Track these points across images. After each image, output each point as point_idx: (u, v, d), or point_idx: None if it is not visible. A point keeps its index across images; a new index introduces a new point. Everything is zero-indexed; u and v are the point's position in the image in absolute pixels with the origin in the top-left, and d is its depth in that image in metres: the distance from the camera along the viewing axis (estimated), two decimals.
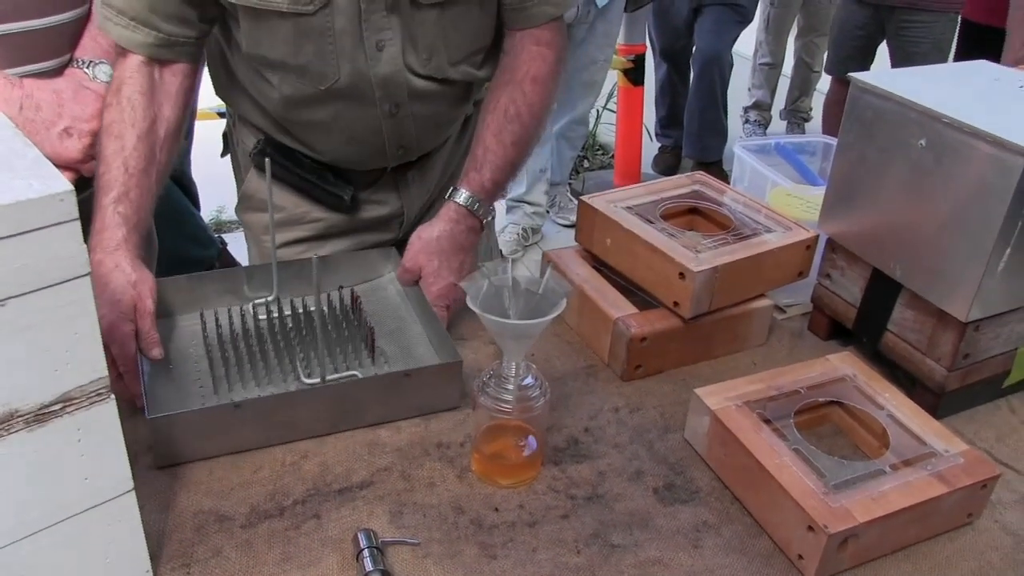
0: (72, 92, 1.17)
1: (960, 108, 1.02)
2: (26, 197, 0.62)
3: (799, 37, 4.70)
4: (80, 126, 1.16)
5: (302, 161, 1.39)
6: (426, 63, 1.25)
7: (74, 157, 1.16)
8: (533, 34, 1.28)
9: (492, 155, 1.25)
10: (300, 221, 1.44)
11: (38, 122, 1.13)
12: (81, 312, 0.68)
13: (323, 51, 1.18)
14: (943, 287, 1.07)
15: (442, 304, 1.21)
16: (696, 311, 1.14)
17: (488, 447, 1.01)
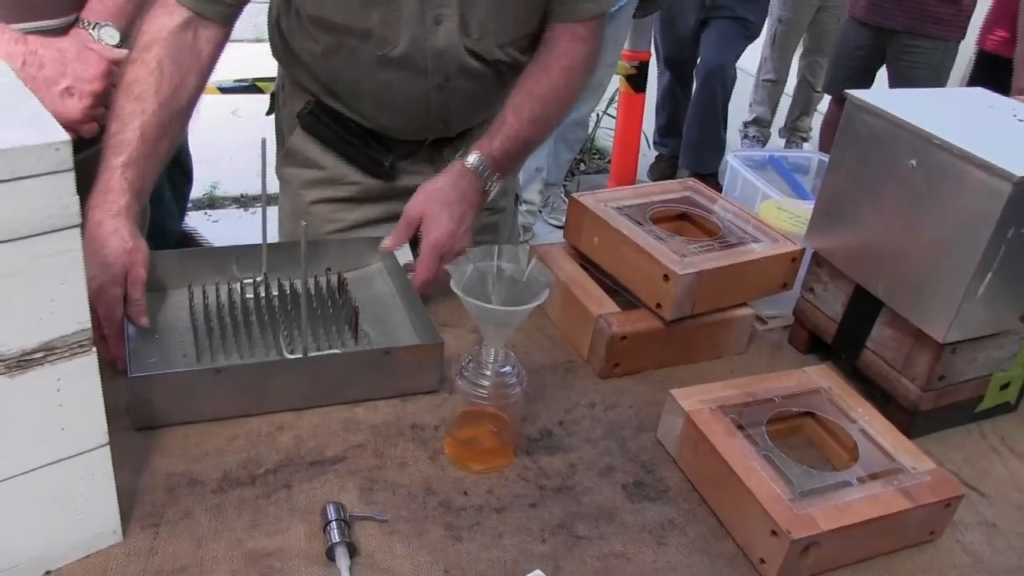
0: (76, 52, 1.17)
1: (952, 131, 1.03)
2: (22, 144, 0.62)
3: (804, 56, 4.73)
4: (82, 87, 1.16)
5: (348, 125, 1.44)
6: (477, 42, 1.30)
7: (74, 117, 1.16)
8: (572, 29, 1.34)
9: (507, 127, 1.30)
10: (338, 182, 1.49)
11: (40, 79, 1.13)
12: (69, 263, 0.69)
13: (388, 18, 1.24)
14: (923, 307, 1.08)
15: (436, 255, 1.22)
16: (678, 314, 1.15)
17: (462, 432, 1.02)
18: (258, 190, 1.15)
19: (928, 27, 3.52)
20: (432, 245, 1.21)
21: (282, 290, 1.18)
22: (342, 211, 1.50)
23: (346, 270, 1.26)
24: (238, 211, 3.88)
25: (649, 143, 4.51)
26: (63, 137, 0.64)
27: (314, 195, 1.50)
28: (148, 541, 0.85)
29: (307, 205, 1.51)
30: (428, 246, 1.21)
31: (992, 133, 1.09)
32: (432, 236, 1.22)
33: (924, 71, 3.61)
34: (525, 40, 1.36)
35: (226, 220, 3.79)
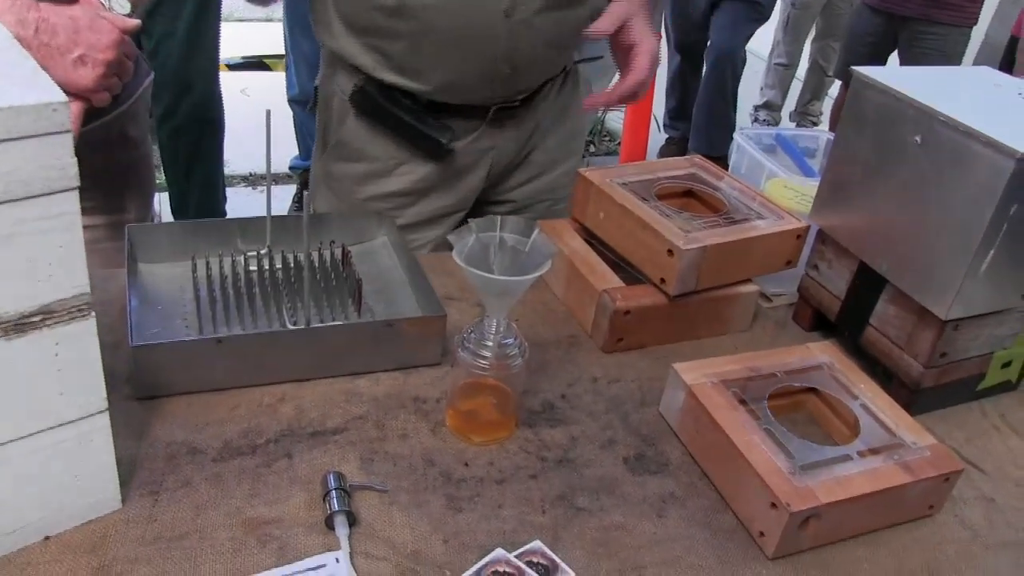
0: (88, 20, 1.16)
1: (957, 108, 1.03)
2: (20, 103, 0.62)
3: (816, 40, 4.70)
4: (95, 55, 1.16)
5: (401, 101, 1.37)
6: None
7: (87, 85, 1.16)
8: None
9: None
10: (392, 173, 1.44)
11: (53, 47, 1.13)
12: (67, 225, 0.69)
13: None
14: (926, 284, 1.07)
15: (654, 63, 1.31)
16: (682, 289, 1.14)
17: (463, 404, 1.02)
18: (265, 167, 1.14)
19: (940, 13, 3.49)
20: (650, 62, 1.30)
21: (286, 263, 1.18)
22: (399, 207, 1.46)
23: (351, 243, 1.26)
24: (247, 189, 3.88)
25: (659, 126, 4.49)
26: (60, 98, 0.64)
27: (367, 191, 1.46)
28: (147, 508, 0.85)
29: (360, 203, 1.47)
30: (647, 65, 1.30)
31: (997, 110, 1.08)
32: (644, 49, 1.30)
33: (936, 57, 3.58)
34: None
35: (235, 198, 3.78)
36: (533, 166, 1.52)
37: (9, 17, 1.07)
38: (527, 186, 1.53)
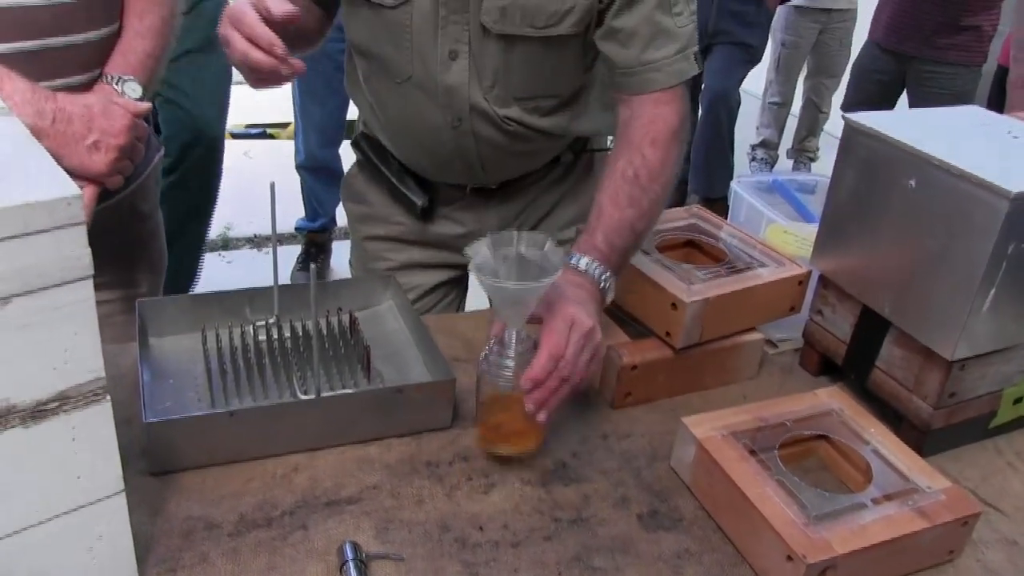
0: (102, 107, 1.21)
1: (949, 151, 1.04)
2: (35, 199, 0.64)
3: (808, 78, 4.75)
4: (108, 140, 1.20)
5: (390, 161, 1.46)
6: (489, 89, 1.27)
7: (100, 170, 1.20)
8: (652, 97, 1.21)
9: (606, 217, 1.15)
10: (385, 220, 1.53)
11: (68, 135, 1.16)
12: (82, 312, 0.70)
13: (400, 45, 1.26)
14: (930, 326, 1.08)
15: (580, 346, 1.01)
16: (687, 341, 1.15)
17: (490, 418, 1.06)
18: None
19: (948, 53, 3.44)
20: (580, 340, 1.01)
21: (294, 331, 1.19)
22: (391, 250, 1.54)
23: (357, 309, 1.27)
24: (252, 251, 3.91)
25: None
26: (74, 191, 0.66)
27: (365, 231, 1.56)
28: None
29: (361, 240, 1.57)
30: (575, 346, 1.01)
31: (988, 151, 1.10)
32: (578, 335, 1.01)
33: (946, 97, 3.52)
34: (549, 104, 1.32)
35: (240, 261, 3.82)
36: None
37: (28, 109, 1.12)
38: None
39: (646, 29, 1.19)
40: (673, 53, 1.20)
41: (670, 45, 1.20)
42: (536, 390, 0.99)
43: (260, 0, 1.05)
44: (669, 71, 1.20)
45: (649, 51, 1.19)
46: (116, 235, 1.39)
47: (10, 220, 0.63)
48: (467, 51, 1.24)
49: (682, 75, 1.21)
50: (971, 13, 3.38)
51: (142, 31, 1.34)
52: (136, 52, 1.32)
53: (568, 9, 1.19)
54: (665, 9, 1.19)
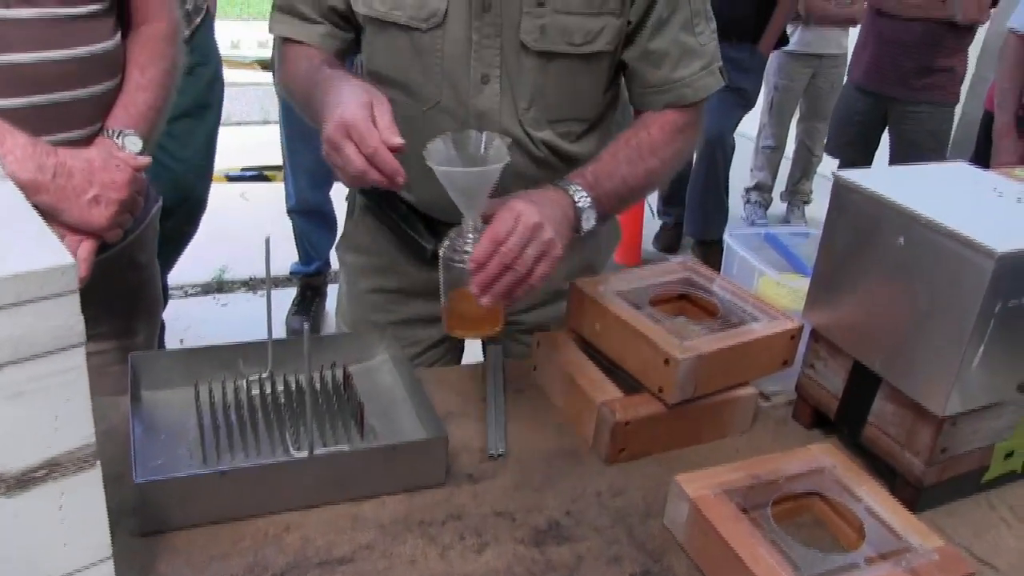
0: (103, 161, 1.22)
1: (937, 209, 1.06)
2: (29, 268, 0.65)
3: (801, 121, 4.80)
4: (109, 195, 1.21)
5: (397, 205, 1.44)
6: (525, 112, 1.30)
7: (100, 224, 1.20)
8: (667, 111, 1.34)
9: (600, 163, 1.27)
10: (389, 271, 1.51)
11: (69, 189, 1.17)
12: (74, 380, 0.70)
13: (430, 70, 1.27)
14: (920, 382, 1.09)
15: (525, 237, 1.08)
16: (680, 397, 1.16)
17: (453, 304, 1.14)
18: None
19: (924, 93, 3.61)
20: (527, 228, 1.08)
21: (287, 386, 1.19)
22: (396, 303, 1.52)
23: (351, 362, 1.28)
24: (247, 295, 3.91)
25: (653, 212, 4.56)
26: (68, 260, 0.66)
27: (368, 283, 1.53)
28: None
29: (362, 292, 1.55)
30: (522, 230, 1.08)
31: (975, 209, 1.11)
32: (526, 221, 1.08)
33: (924, 135, 3.69)
34: (578, 127, 1.36)
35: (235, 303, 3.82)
36: (537, 293, 1.51)
37: (30, 164, 1.13)
38: (533, 312, 1.53)
39: (675, 49, 1.30)
40: (699, 69, 1.32)
41: (696, 62, 1.32)
42: (480, 273, 1.07)
43: (372, 119, 1.10)
44: (697, 86, 1.32)
45: (679, 70, 1.31)
46: (113, 285, 1.40)
47: (3, 290, 0.64)
48: (498, 75, 1.27)
49: (708, 89, 1.34)
50: (944, 55, 3.54)
51: (144, 84, 1.35)
52: (137, 105, 1.33)
53: (601, 28, 1.26)
54: (688, 30, 1.30)
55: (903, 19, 3.55)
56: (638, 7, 1.27)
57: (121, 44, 1.35)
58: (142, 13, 1.40)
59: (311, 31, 1.35)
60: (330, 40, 1.35)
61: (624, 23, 1.28)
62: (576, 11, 1.24)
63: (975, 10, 3.39)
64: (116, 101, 1.32)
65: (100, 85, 1.29)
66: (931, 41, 3.53)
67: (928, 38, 3.52)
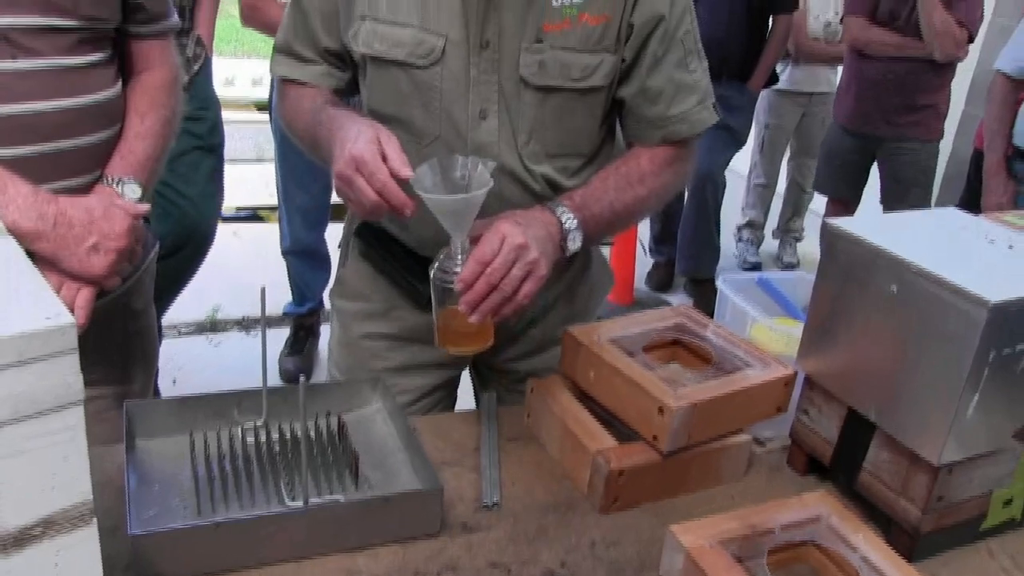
0: (103, 210, 1.23)
1: (928, 257, 1.07)
2: (30, 329, 0.65)
3: (791, 159, 4.84)
4: (107, 243, 1.22)
5: (394, 248, 1.45)
6: (524, 145, 1.32)
7: (99, 273, 1.21)
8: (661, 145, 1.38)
9: (589, 187, 1.32)
10: (385, 316, 1.51)
11: (69, 238, 1.18)
12: (72, 438, 0.70)
13: (429, 105, 1.29)
14: (915, 430, 1.09)
15: (510, 258, 1.13)
16: (674, 446, 1.16)
17: (444, 321, 1.19)
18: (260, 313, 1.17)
19: (909, 131, 3.66)
20: (510, 249, 1.14)
21: (282, 435, 1.19)
22: (391, 349, 1.51)
23: (346, 411, 1.27)
24: (240, 334, 3.90)
25: (645, 250, 4.57)
26: (68, 320, 0.67)
27: (363, 328, 1.53)
28: None
29: (357, 338, 1.54)
30: (505, 250, 1.13)
31: (966, 257, 1.12)
32: (511, 240, 1.14)
33: (912, 172, 3.74)
34: (575, 162, 1.38)
35: (228, 344, 3.81)
36: (531, 341, 1.53)
37: (31, 213, 1.14)
38: (527, 360, 1.54)
39: (670, 86, 1.34)
40: (694, 105, 1.36)
41: (690, 98, 1.36)
42: (468, 292, 1.13)
43: (382, 153, 1.13)
44: (691, 121, 1.36)
45: (674, 106, 1.35)
46: (109, 332, 1.40)
47: (4, 350, 0.64)
48: (496, 110, 1.29)
49: (703, 124, 1.38)
50: (926, 92, 3.61)
51: (143, 132, 1.37)
52: (136, 154, 1.35)
53: (598, 63, 1.30)
54: (683, 67, 1.34)
55: (883, 59, 3.60)
56: (632, 45, 1.31)
57: (121, 92, 1.37)
58: (142, 62, 1.42)
59: (309, 71, 1.39)
60: (327, 79, 1.39)
61: (619, 59, 1.32)
62: (573, 48, 1.27)
63: (952, 46, 3.43)
64: (116, 149, 1.34)
65: (101, 133, 1.31)
66: (912, 79, 3.57)
67: (909, 76, 3.57)
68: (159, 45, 1.44)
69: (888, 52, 3.58)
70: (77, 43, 1.26)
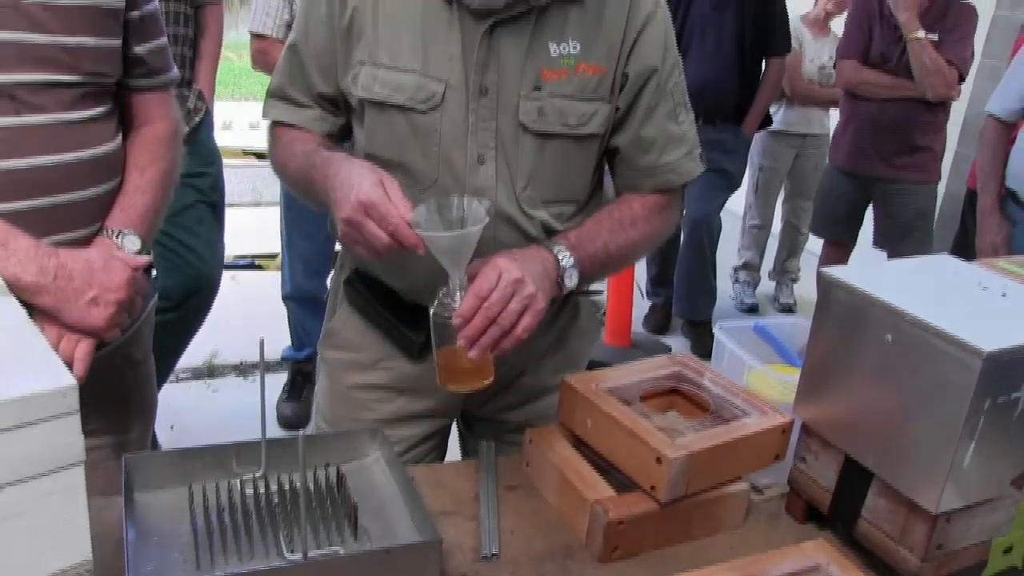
0: (102, 263, 1.24)
1: (922, 306, 1.08)
2: (32, 392, 0.66)
3: (786, 201, 4.87)
4: (107, 296, 1.23)
5: (385, 296, 1.45)
6: (522, 190, 1.34)
7: (99, 325, 1.22)
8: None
9: (583, 228, 1.35)
10: (375, 366, 1.50)
11: (69, 291, 1.19)
12: (73, 497, 0.71)
13: (428, 150, 1.31)
14: (912, 478, 1.10)
15: (507, 292, 1.16)
16: (672, 495, 1.16)
17: (445, 360, 1.21)
18: (258, 357, 1.17)
19: (907, 173, 3.68)
20: (506, 283, 1.16)
21: (281, 486, 1.19)
22: (382, 401, 1.50)
23: (344, 461, 1.27)
24: (238, 380, 3.90)
25: (642, 293, 4.59)
26: (70, 382, 0.67)
27: (353, 379, 1.52)
28: None
29: (347, 389, 1.53)
30: (502, 284, 1.16)
31: (961, 306, 1.13)
32: (507, 277, 1.17)
33: (909, 214, 3.76)
34: (570, 210, 1.40)
35: (226, 389, 3.80)
36: (522, 391, 1.53)
37: (32, 267, 1.15)
38: (518, 410, 1.55)
39: (661, 137, 1.39)
40: (683, 155, 1.41)
41: (680, 148, 1.41)
42: (467, 328, 1.15)
43: (388, 193, 1.16)
44: (681, 171, 1.41)
45: (665, 155, 1.39)
46: (108, 382, 1.40)
47: (5, 414, 0.64)
48: (493, 156, 1.31)
49: (691, 174, 1.43)
50: (922, 133, 3.65)
51: (143, 186, 1.38)
52: (136, 207, 1.36)
53: (594, 112, 1.34)
54: (673, 119, 1.39)
55: (877, 100, 3.64)
56: (626, 95, 1.35)
57: (122, 146, 1.39)
58: (142, 115, 1.44)
59: (302, 115, 1.41)
60: (320, 123, 1.42)
61: (613, 108, 1.36)
62: (570, 96, 1.31)
63: (943, 86, 3.47)
64: (116, 202, 1.35)
65: (101, 186, 1.32)
66: (907, 120, 3.61)
67: (904, 117, 3.61)
68: (159, 98, 1.47)
69: (881, 93, 3.62)
70: (79, 98, 1.29)
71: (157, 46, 1.44)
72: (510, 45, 1.28)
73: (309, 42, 1.37)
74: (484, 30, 1.26)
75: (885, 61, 3.62)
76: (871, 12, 3.65)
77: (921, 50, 3.41)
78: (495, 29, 1.27)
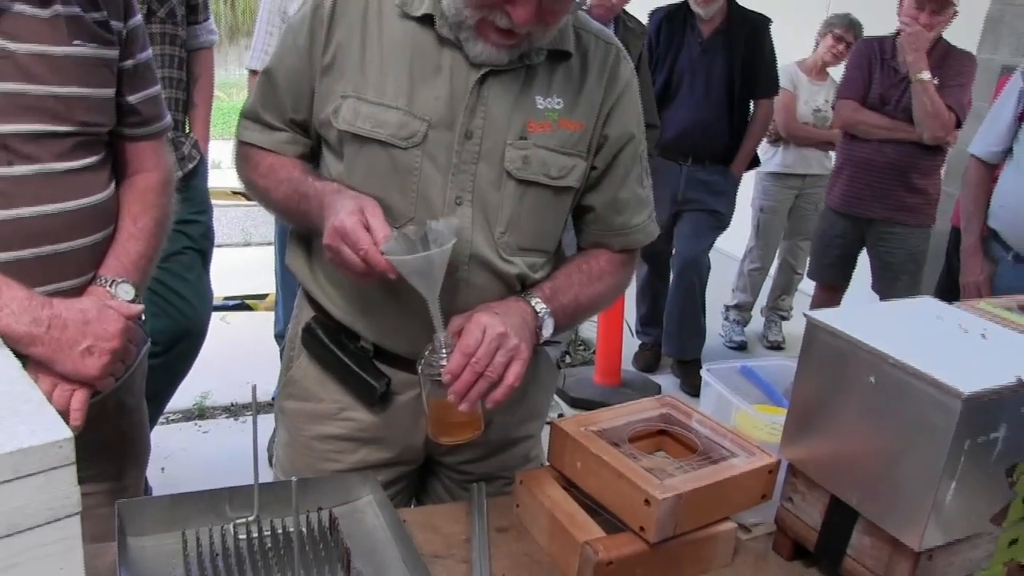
0: (97, 312, 1.24)
1: (905, 349, 1.11)
2: (28, 444, 0.67)
3: (785, 239, 4.89)
4: (101, 345, 1.23)
5: (346, 344, 1.43)
6: (501, 236, 1.36)
7: (93, 374, 1.22)
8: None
9: (555, 280, 1.40)
10: (336, 417, 1.48)
11: (63, 341, 1.19)
12: (68, 549, 0.72)
13: (406, 188, 1.32)
14: (896, 516, 1.11)
15: (493, 347, 1.20)
16: (661, 536, 1.17)
17: (434, 414, 1.24)
18: (249, 398, 1.19)
19: (901, 215, 3.71)
20: (490, 338, 1.21)
21: (274, 530, 1.20)
22: (343, 452, 1.48)
23: (336, 504, 1.28)
24: (228, 421, 3.88)
25: (632, 332, 4.60)
26: (66, 435, 0.69)
27: (314, 431, 1.49)
28: None
29: (308, 440, 1.50)
30: (486, 339, 1.20)
31: (942, 348, 1.16)
32: (491, 332, 1.21)
33: (903, 257, 3.79)
34: (541, 260, 1.42)
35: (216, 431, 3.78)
36: (485, 444, 1.47)
37: (25, 317, 1.16)
38: (480, 463, 1.53)
39: (633, 199, 1.46)
40: (646, 218, 1.49)
41: (644, 211, 1.48)
42: (455, 383, 1.19)
43: (363, 220, 1.21)
44: (645, 233, 1.49)
45: (634, 217, 1.47)
46: (101, 429, 1.40)
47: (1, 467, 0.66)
48: (470, 199, 1.32)
49: (651, 236, 1.51)
50: (918, 176, 3.68)
51: (135, 234, 1.39)
52: (130, 255, 1.37)
53: (573, 166, 1.38)
54: (640, 183, 1.47)
55: (875, 142, 3.69)
56: (604, 156, 1.41)
57: (115, 194, 1.40)
58: (136, 163, 1.45)
59: (275, 138, 1.43)
60: (292, 147, 1.44)
61: (589, 166, 1.41)
62: (552, 148, 1.35)
63: (940, 130, 3.51)
64: (109, 250, 1.36)
65: (94, 235, 1.34)
66: (904, 162, 3.64)
67: (900, 160, 3.64)
68: (152, 146, 1.48)
69: (878, 134, 3.66)
70: (72, 148, 1.30)
71: (150, 95, 1.46)
72: (500, 95, 1.31)
73: (283, 69, 1.39)
74: (477, 78, 1.29)
75: (884, 104, 3.66)
76: (872, 55, 3.70)
77: (924, 91, 3.44)
78: (487, 78, 1.30)
